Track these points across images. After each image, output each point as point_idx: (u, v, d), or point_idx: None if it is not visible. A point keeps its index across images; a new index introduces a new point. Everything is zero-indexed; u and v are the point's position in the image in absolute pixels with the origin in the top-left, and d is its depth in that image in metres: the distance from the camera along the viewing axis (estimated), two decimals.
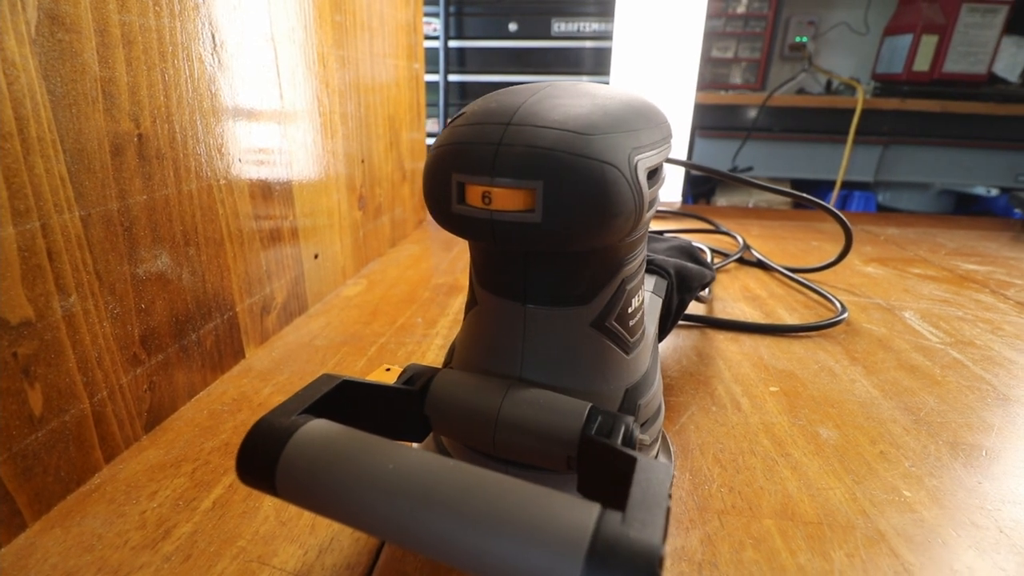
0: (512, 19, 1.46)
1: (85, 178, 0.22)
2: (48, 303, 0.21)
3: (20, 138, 0.19)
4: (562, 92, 0.18)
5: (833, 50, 1.45)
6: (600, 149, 0.15)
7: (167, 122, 0.27)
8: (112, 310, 0.24)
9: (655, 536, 0.12)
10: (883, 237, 0.71)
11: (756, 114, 1.40)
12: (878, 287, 0.51)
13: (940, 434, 0.29)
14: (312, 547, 0.21)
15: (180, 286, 0.29)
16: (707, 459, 0.26)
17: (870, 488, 0.25)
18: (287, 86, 0.37)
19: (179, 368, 0.29)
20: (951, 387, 0.34)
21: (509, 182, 0.15)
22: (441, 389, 0.20)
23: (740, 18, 1.47)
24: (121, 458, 0.25)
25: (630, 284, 0.21)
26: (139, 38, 0.24)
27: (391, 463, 0.14)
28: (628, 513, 0.13)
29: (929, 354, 0.38)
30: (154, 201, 0.26)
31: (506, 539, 0.12)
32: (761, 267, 0.57)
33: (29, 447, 0.21)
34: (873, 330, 0.42)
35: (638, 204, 0.16)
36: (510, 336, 0.20)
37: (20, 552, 0.20)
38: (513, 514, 0.13)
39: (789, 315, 0.44)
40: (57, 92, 0.21)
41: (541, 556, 0.12)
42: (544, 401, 0.19)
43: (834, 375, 0.35)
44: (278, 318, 0.39)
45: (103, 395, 0.24)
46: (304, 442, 0.15)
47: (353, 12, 0.46)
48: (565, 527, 0.12)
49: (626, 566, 0.11)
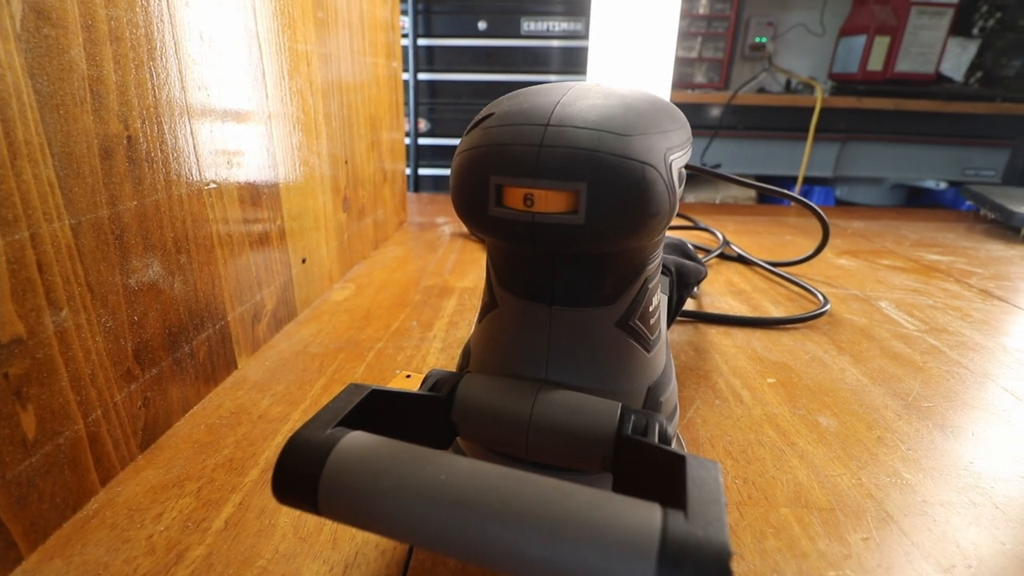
0: (481, 18, 1.45)
1: (74, 184, 0.21)
2: (39, 319, 0.20)
3: (7, 141, 0.18)
4: (591, 93, 0.17)
5: (791, 50, 1.51)
6: (639, 150, 0.15)
7: (156, 123, 0.25)
8: (105, 324, 0.23)
9: (722, 534, 0.12)
10: (850, 230, 0.74)
11: (721, 112, 1.44)
12: (853, 278, 0.54)
13: (929, 417, 0.30)
14: (337, 563, 0.20)
15: (172, 296, 0.27)
16: (718, 452, 0.27)
17: (873, 472, 0.26)
18: (272, 85, 0.36)
19: (173, 382, 0.28)
20: (933, 372, 0.35)
21: (553, 184, 0.15)
22: (469, 394, 0.20)
23: (703, 18, 1.51)
24: (118, 480, 0.24)
25: (651, 283, 0.21)
26: (126, 34, 0.23)
27: (442, 473, 0.14)
28: (690, 512, 0.13)
29: (908, 341, 0.40)
30: (145, 207, 0.25)
31: (574, 545, 0.12)
32: (742, 262, 0.59)
33: (23, 473, 0.19)
34: (855, 320, 0.44)
35: (672, 203, 0.17)
36: (536, 338, 0.20)
37: None
38: (578, 519, 0.12)
39: (774, 308, 0.46)
40: (44, 92, 0.19)
41: (612, 560, 0.12)
42: (575, 403, 0.19)
43: (825, 365, 0.36)
44: (268, 326, 0.38)
45: (97, 414, 0.23)
46: (346, 456, 0.15)
47: (335, 9, 0.45)
48: (633, 529, 0.12)
49: (698, 565, 0.11)
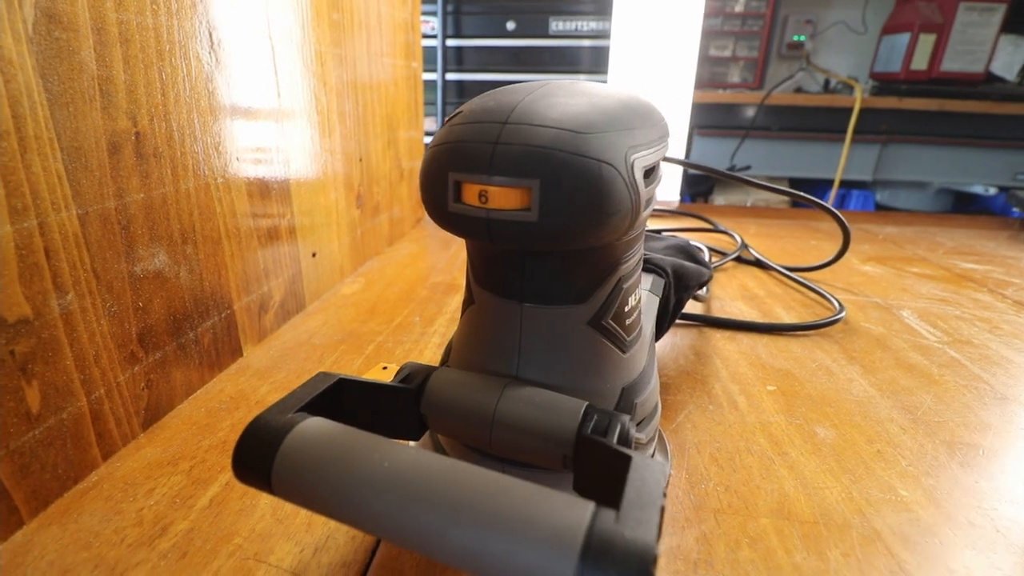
0: (510, 18, 1.46)
1: (82, 176, 0.22)
2: (45, 301, 0.21)
3: (17, 136, 0.19)
4: (560, 91, 0.18)
5: (831, 49, 1.45)
6: (597, 148, 0.15)
7: (164, 120, 0.27)
8: (109, 308, 0.24)
9: (649, 535, 0.12)
10: (881, 236, 0.71)
11: (754, 113, 1.40)
12: (876, 286, 0.52)
13: (937, 433, 0.29)
14: (308, 545, 0.21)
15: (178, 284, 0.29)
16: (704, 458, 0.26)
17: (867, 487, 0.25)
18: (285, 84, 0.37)
19: (177, 366, 0.29)
20: (949, 386, 0.34)
21: (505, 180, 0.15)
22: (438, 387, 0.20)
23: (738, 17, 1.47)
24: (119, 455, 0.25)
25: (627, 283, 0.21)
26: (136, 36, 0.24)
27: (386, 460, 0.14)
28: (622, 511, 0.13)
29: (927, 353, 0.38)
30: (151, 199, 0.26)
31: (500, 537, 0.12)
32: (759, 266, 0.57)
33: (26, 444, 0.21)
34: (871, 329, 0.42)
35: (635, 203, 0.17)
36: (507, 335, 0.20)
37: (17, 549, 0.20)
38: (507, 512, 0.13)
39: (787, 314, 0.44)
40: (54, 90, 0.21)
41: (535, 554, 0.12)
42: (540, 400, 0.19)
43: (831, 374, 0.35)
44: (276, 316, 0.39)
45: (100, 393, 0.24)
46: (299, 440, 0.15)
47: (351, 11, 0.46)
48: (559, 525, 0.12)
49: (620, 565, 0.11)
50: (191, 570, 0.19)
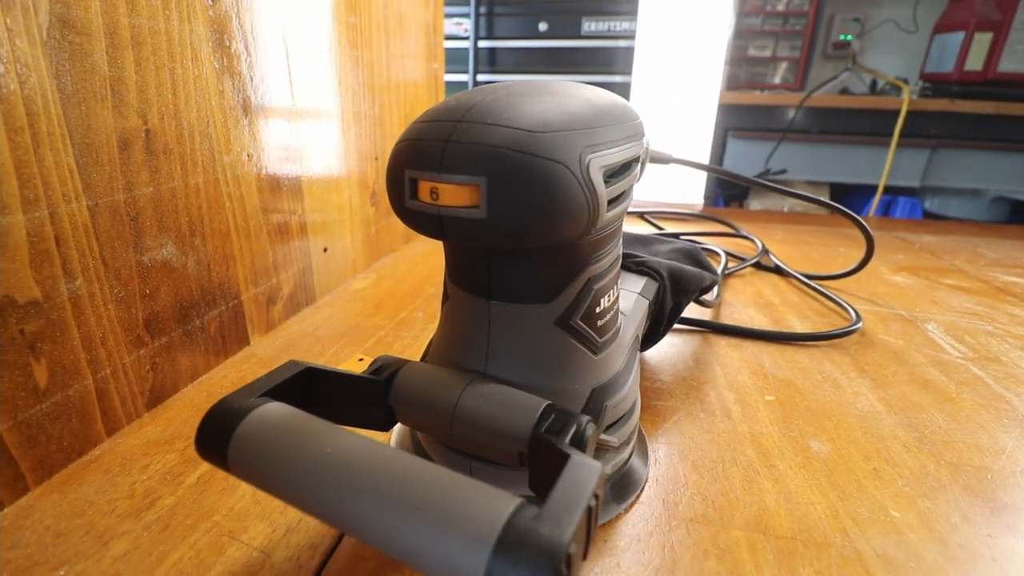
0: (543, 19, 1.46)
1: (93, 170, 0.24)
2: (55, 285, 0.23)
3: (31, 132, 0.21)
4: (526, 90, 0.18)
5: (879, 48, 1.38)
6: (548, 146, 0.15)
7: (175, 119, 0.28)
8: (117, 294, 0.26)
9: (564, 534, 0.12)
10: (918, 245, 0.67)
11: (793, 115, 1.35)
12: (903, 297, 0.49)
13: (944, 454, 0.27)
14: (280, 526, 0.21)
15: (185, 274, 0.30)
16: (685, 465, 0.26)
17: (855, 505, 0.24)
18: (298, 85, 0.39)
19: (182, 351, 0.31)
20: (965, 405, 0.32)
21: (454, 178, 0.15)
22: (406, 380, 0.20)
23: (779, 16, 1.42)
24: (122, 432, 0.27)
25: (598, 284, 0.21)
26: (148, 40, 0.26)
27: (329, 447, 0.15)
28: (545, 509, 0.13)
29: (946, 369, 0.36)
30: (160, 193, 0.28)
31: (422, 526, 0.13)
32: (778, 273, 0.55)
33: (33, 417, 0.23)
34: (889, 342, 0.40)
35: (592, 203, 0.16)
36: (477, 332, 0.21)
37: (20, 512, 0.22)
38: (432, 502, 0.13)
39: (800, 323, 0.43)
40: (67, 90, 0.22)
41: (453, 544, 0.12)
42: (501, 397, 0.19)
43: (837, 387, 0.33)
44: (285, 308, 0.40)
45: (106, 373, 0.26)
46: (256, 423, 0.16)
47: (368, 13, 0.48)
48: (479, 518, 0.12)
49: (530, 561, 0.11)
50: (169, 542, 0.20)
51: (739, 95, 1.40)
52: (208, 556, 0.20)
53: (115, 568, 0.19)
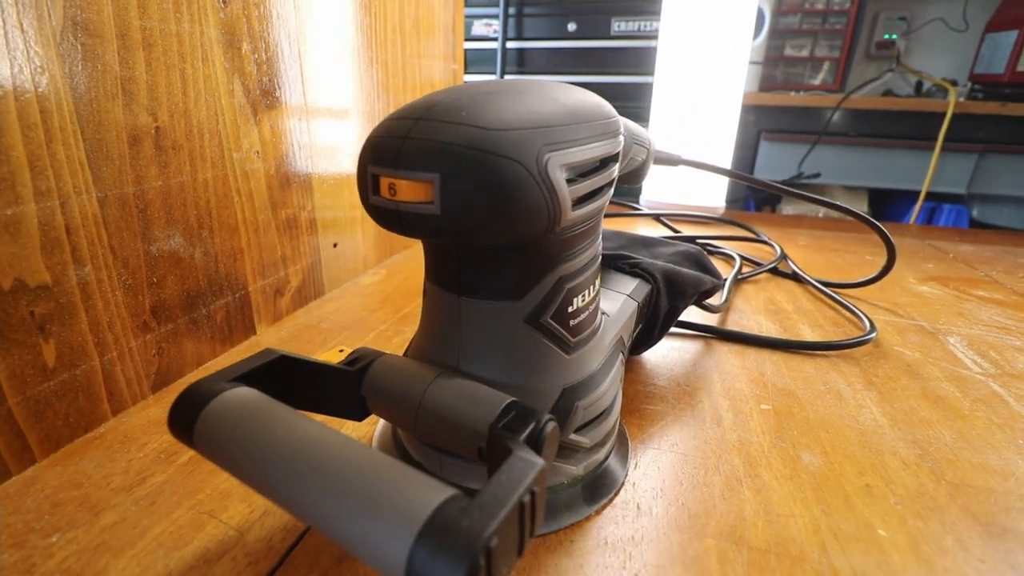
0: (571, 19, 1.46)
1: (103, 164, 0.26)
2: (64, 271, 0.24)
3: (44, 128, 0.23)
4: (494, 89, 0.18)
5: (926, 48, 1.31)
6: (502, 144, 0.15)
7: (184, 117, 0.30)
8: (124, 281, 0.28)
9: (486, 527, 0.12)
10: (952, 254, 0.64)
11: (831, 117, 1.31)
12: (927, 308, 0.47)
13: (945, 473, 0.26)
14: (259, 507, 0.22)
15: (192, 264, 0.32)
16: (664, 471, 0.25)
17: (839, 521, 0.23)
18: (310, 85, 0.40)
19: (188, 338, 0.32)
20: (978, 423, 0.30)
21: (409, 174, 0.15)
22: (378, 373, 0.21)
23: (818, 14, 1.37)
24: (127, 412, 0.28)
25: (570, 283, 0.21)
26: (159, 41, 0.27)
27: (282, 431, 0.15)
28: (474, 502, 0.13)
29: (963, 385, 0.34)
30: (169, 187, 0.29)
31: (354, 509, 0.13)
32: (795, 280, 0.53)
33: (41, 393, 0.24)
34: (904, 354, 0.38)
35: (550, 201, 0.17)
36: (449, 327, 0.21)
37: (25, 482, 0.23)
38: (367, 487, 0.13)
39: (811, 332, 0.41)
40: (79, 89, 0.24)
41: (382, 529, 0.12)
42: (465, 392, 0.19)
43: (841, 398, 0.32)
44: (292, 300, 0.42)
45: (113, 355, 0.27)
46: (221, 406, 0.17)
47: (383, 15, 0.49)
48: (408, 506, 0.13)
49: (449, 550, 0.12)
50: (154, 517, 0.22)
51: (773, 96, 1.36)
52: (187, 532, 0.21)
53: (102, 537, 0.21)
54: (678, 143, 0.76)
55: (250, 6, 0.33)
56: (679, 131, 0.76)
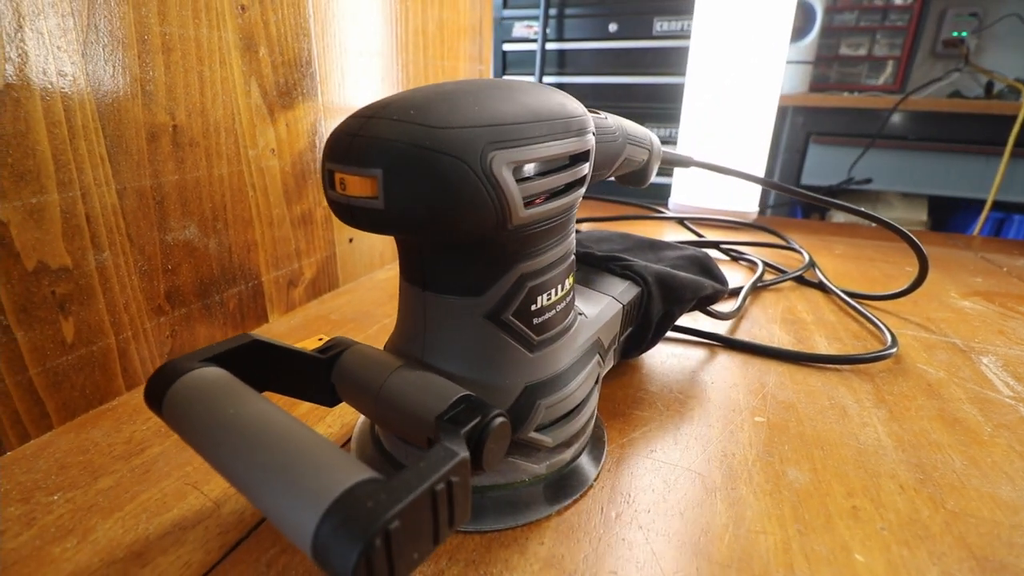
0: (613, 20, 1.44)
1: (122, 159, 0.28)
2: (84, 256, 0.27)
3: (67, 125, 0.25)
4: (455, 89, 0.18)
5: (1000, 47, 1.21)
6: (443, 141, 0.16)
7: (201, 116, 0.32)
8: (140, 267, 0.30)
9: (386, 511, 0.12)
10: (1006, 268, 0.59)
11: (888, 119, 1.23)
12: (965, 325, 0.43)
13: (947, 500, 0.24)
14: None
15: (206, 254, 0.34)
16: (637, 477, 0.25)
17: (814, 542, 0.22)
18: (329, 85, 0.42)
19: (200, 322, 0.34)
20: (996, 450, 0.28)
21: (356, 170, 0.16)
22: (347, 361, 0.22)
23: (878, 11, 1.30)
24: (139, 389, 0.31)
25: (533, 281, 0.21)
26: (178, 46, 0.30)
27: (233, 409, 0.16)
28: (385, 485, 0.13)
29: (988, 408, 0.31)
30: (185, 181, 0.32)
31: (276, 482, 0.14)
32: (821, 289, 0.51)
33: (60, 366, 0.27)
34: (927, 372, 0.35)
35: (496, 198, 0.17)
36: (416, 321, 0.22)
37: (41, 445, 0.26)
38: (294, 464, 0.14)
39: (827, 344, 0.39)
40: (101, 90, 0.26)
41: (294, 504, 0.13)
42: (422, 383, 0.20)
43: (844, 415, 0.30)
44: (306, 291, 0.44)
45: (128, 335, 0.30)
46: (188, 382, 0.18)
47: (405, 19, 0.50)
48: (323, 484, 0.13)
49: (348, 528, 0.12)
50: (143, 484, 0.23)
51: (824, 97, 1.29)
52: (171, 500, 0.23)
53: (96, 499, 0.22)
54: (708, 146, 0.74)
55: (268, 12, 0.35)
56: (709, 133, 0.73)
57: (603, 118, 0.27)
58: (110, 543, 0.20)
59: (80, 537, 0.21)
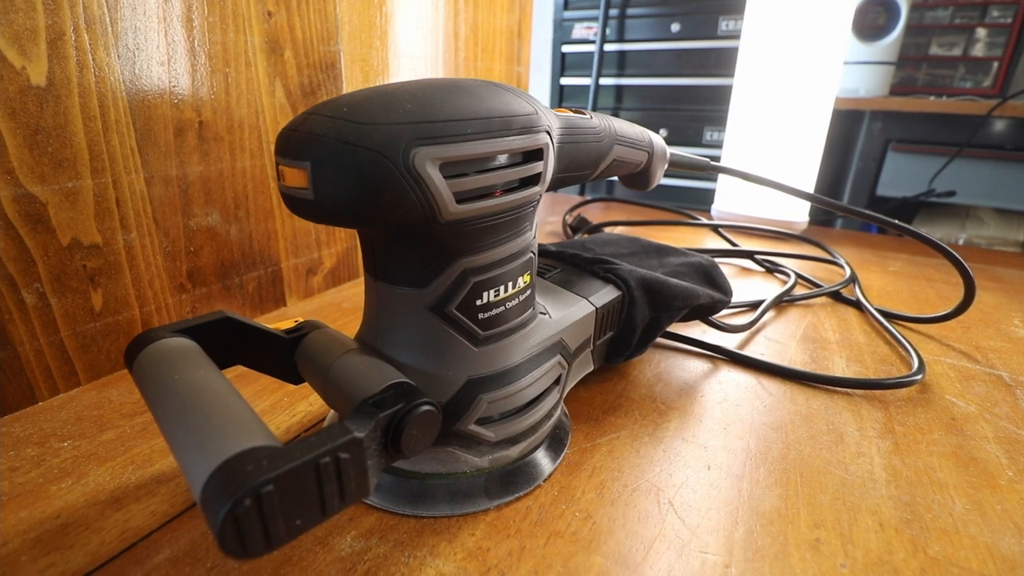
0: (675, 20, 1.40)
1: (151, 151, 0.31)
2: (113, 235, 0.30)
3: (101, 120, 0.29)
4: (399, 87, 0.19)
5: None
6: (367, 137, 0.16)
7: (226, 113, 0.35)
8: (165, 248, 0.33)
9: (261, 475, 0.13)
10: None
11: (981, 126, 1.10)
12: (1020, 357, 0.38)
13: (930, 545, 0.22)
14: None
15: (227, 239, 0.37)
16: (591, 483, 0.25)
17: (759, 570, 0.20)
18: (353, 86, 0.44)
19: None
20: (1012, 497, 0.25)
21: (290, 162, 0.17)
22: (309, 342, 0.23)
23: (976, 7, 1.17)
24: None
25: (478, 277, 0.21)
26: (205, 49, 0.33)
27: (178, 374, 0.18)
28: (273, 452, 0.14)
29: (1017, 450, 0.28)
30: (209, 172, 0.35)
31: (188, 439, 0.15)
32: (858, 308, 0.47)
33: (88, 331, 0.30)
34: (955, 404, 0.32)
35: (420, 193, 0.17)
36: (370, 309, 0.23)
37: (66, 399, 0.29)
38: (203, 424, 0.15)
39: (846, 366, 0.36)
40: (133, 88, 0.30)
41: (196, 459, 0.14)
42: (363, 367, 0.21)
43: (840, 442, 0.28)
44: (324, 279, 0.47)
45: (151, 308, 0.33)
46: (155, 349, 0.20)
47: (436, 24, 0.52)
48: (223, 445, 0.14)
49: (226, 485, 0.13)
50: (139, 440, 0.26)
51: (907, 101, 1.18)
52: (157, 456, 0.25)
53: (96, 449, 0.25)
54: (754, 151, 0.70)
55: (294, 16, 0.38)
56: (756, 138, 0.70)
57: (586, 118, 0.27)
58: (97, 487, 0.23)
59: (75, 480, 0.23)
